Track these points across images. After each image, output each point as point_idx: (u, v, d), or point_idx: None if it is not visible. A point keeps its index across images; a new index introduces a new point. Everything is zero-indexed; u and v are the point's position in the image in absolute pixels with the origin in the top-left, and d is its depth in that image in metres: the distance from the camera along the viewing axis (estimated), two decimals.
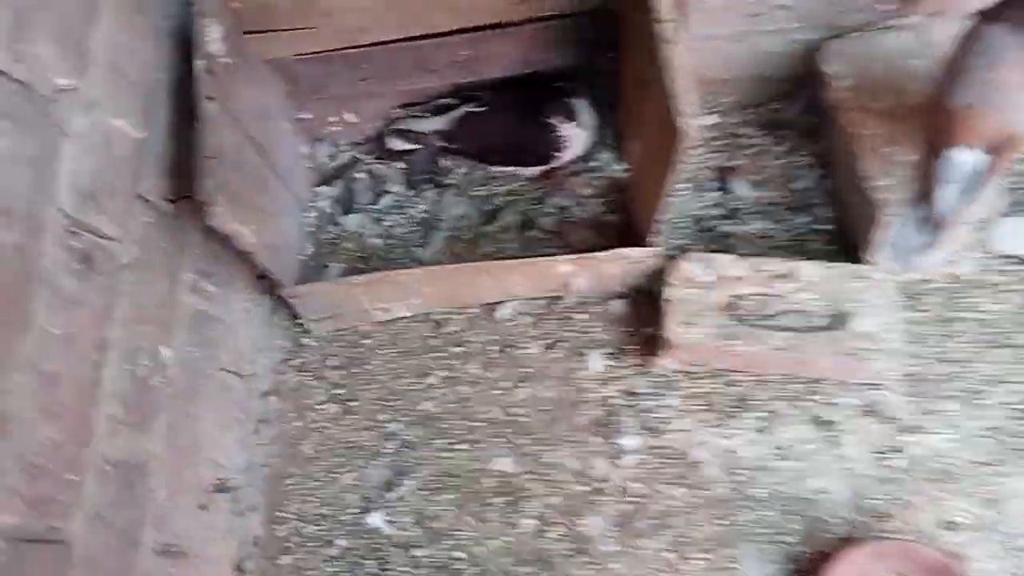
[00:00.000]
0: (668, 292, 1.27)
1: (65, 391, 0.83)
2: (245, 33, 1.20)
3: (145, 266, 1.02)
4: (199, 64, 1.05)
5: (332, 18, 1.20)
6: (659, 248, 1.29)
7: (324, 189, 1.53)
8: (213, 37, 1.08)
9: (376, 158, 1.55)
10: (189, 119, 1.13)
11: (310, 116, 1.46)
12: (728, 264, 1.29)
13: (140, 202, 1.03)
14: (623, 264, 1.31)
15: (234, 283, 1.28)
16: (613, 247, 1.30)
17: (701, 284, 1.27)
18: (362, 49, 1.29)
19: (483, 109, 1.43)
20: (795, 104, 1.53)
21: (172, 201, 1.11)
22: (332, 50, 1.28)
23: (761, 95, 1.54)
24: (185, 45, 1.16)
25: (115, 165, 0.99)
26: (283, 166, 1.31)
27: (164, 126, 1.11)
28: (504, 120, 1.42)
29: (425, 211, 1.51)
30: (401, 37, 1.27)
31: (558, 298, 1.41)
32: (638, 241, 1.31)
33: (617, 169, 1.48)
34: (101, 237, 0.94)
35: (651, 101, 1.15)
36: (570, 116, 1.38)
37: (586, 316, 1.39)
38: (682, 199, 1.43)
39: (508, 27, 1.30)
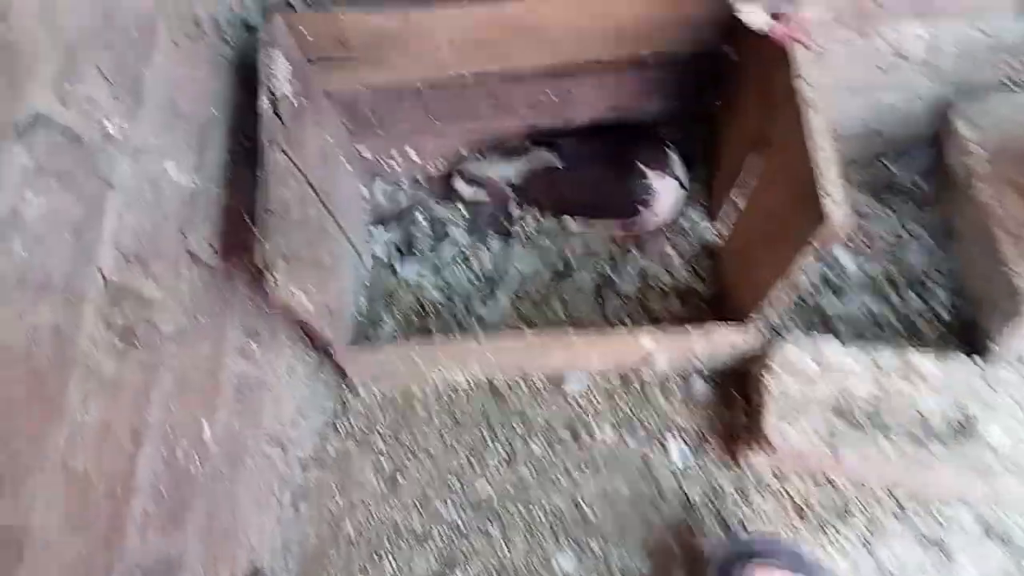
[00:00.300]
0: (768, 381, 1.16)
1: (95, 492, 0.74)
2: (308, 62, 1.12)
3: (190, 334, 0.93)
4: (264, 105, 0.96)
5: (409, 51, 1.11)
6: (759, 328, 1.18)
7: (380, 232, 1.44)
8: (280, 72, 0.99)
9: (439, 201, 1.46)
10: (246, 160, 1.04)
11: (368, 152, 1.37)
12: (837, 353, 1.17)
13: (188, 259, 0.95)
14: (714, 342, 1.20)
15: (279, 338, 1.19)
16: (699, 319, 1.19)
17: (806, 375, 1.16)
18: (436, 85, 1.19)
19: (562, 155, 1.33)
20: (912, 167, 1.41)
21: (221, 254, 1.02)
22: (403, 84, 1.19)
23: (874, 154, 1.43)
24: (245, 75, 1.07)
25: (164, 218, 0.90)
26: (342, 211, 1.22)
27: (217, 168, 1.02)
28: (587, 167, 1.32)
29: (490, 263, 1.41)
30: (482, 73, 1.18)
31: (635, 372, 1.30)
32: (732, 316, 1.20)
33: (707, 230, 1.37)
34: (145, 305, 0.85)
35: (773, 165, 1.05)
36: (663, 166, 1.28)
37: (666, 396, 1.28)
38: None
39: (601, 69, 1.20)
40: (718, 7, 1.02)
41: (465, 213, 1.46)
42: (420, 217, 1.46)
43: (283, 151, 0.96)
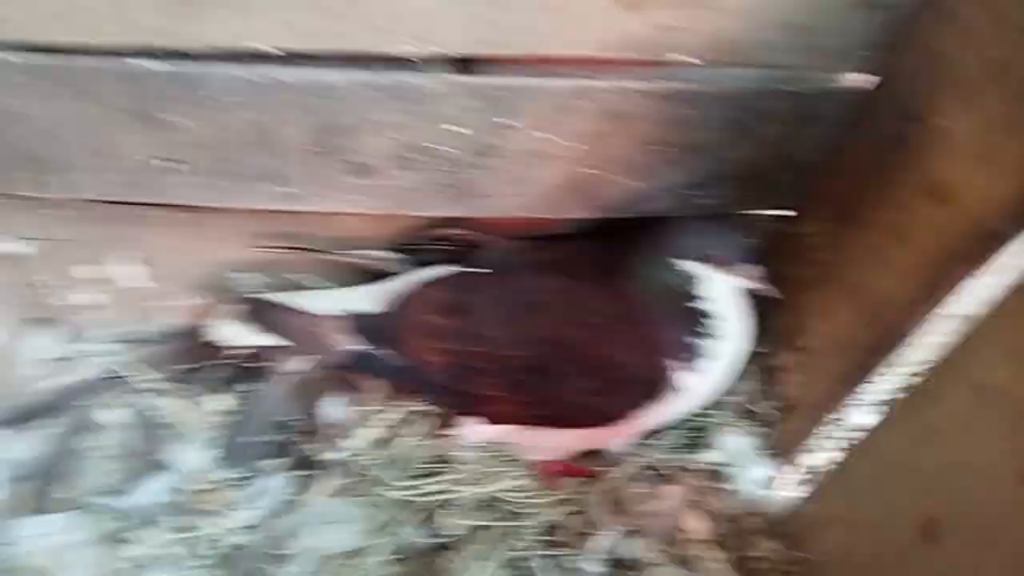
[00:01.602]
0: None
1: None
2: None
3: None
4: None
5: None
6: None
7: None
8: None
9: (165, 379, 0.69)
10: None
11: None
12: None
13: None
14: None
15: None
16: None
17: None
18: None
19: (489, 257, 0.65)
20: None
21: None
22: None
23: None
24: None
25: None
26: None
27: None
28: (552, 275, 0.63)
29: (256, 529, 0.62)
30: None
31: None
32: None
33: (768, 484, 0.65)
34: None
35: None
36: (738, 262, 0.60)
37: None
38: None
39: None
40: None
41: (218, 406, 0.69)
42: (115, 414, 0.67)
43: None
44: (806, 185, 0.63)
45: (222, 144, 0.57)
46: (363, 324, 0.63)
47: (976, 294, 0.46)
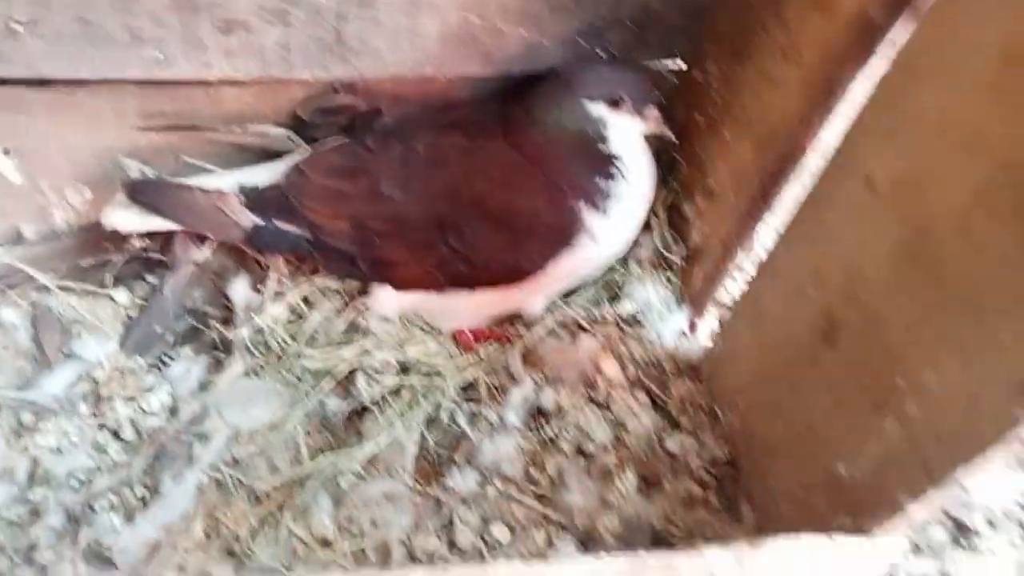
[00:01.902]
0: None
1: None
2: None
3: None
4: None
5: None
6: None
7: None
8: None
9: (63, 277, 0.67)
10: None
11: None
12: None
13: None
14: None
15: None
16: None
17: None
18: None
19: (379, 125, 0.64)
20: None
21: None
22: None
23: None
24: None
25: None
26: None
27: None
28: (445, 138, 0.61)
29: (163, 410, 0.63)
30: None
31: None
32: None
33: (682, 330, 0.66)
34: None
35: None
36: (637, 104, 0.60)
37: None
38: None
39: None
40: None
41: (124, 298, 0.68)
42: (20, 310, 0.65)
43: None
44: (700, 27, 0.63)
45: (80, 2, 0.54)
46: (261, 196, 0.61)
47: (860, 90, 0.46)
